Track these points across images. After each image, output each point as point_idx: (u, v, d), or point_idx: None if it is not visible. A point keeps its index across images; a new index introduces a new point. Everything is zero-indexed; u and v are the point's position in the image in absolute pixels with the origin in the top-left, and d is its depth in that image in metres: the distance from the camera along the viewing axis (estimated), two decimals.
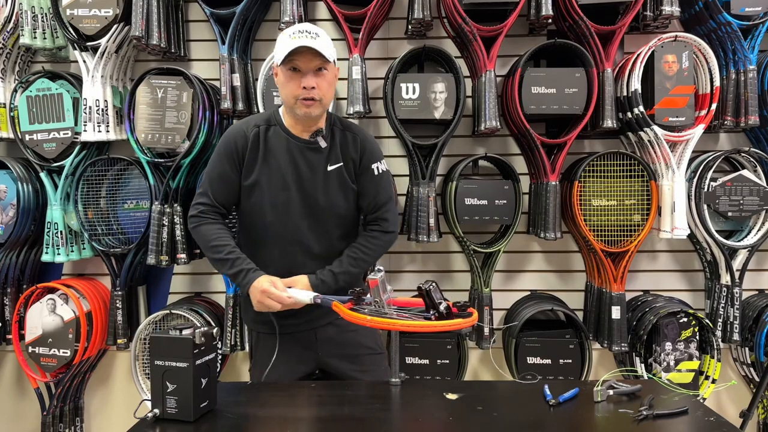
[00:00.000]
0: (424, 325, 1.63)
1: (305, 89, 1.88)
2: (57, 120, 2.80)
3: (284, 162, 1.98)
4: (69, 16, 2.72)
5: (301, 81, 1.89)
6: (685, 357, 2.74)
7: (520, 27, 2.86)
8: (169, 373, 1.48)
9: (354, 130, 2.07)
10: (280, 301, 1.84)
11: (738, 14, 2.65)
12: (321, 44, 1.87)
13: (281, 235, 2.00)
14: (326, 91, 1.93)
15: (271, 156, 1.99)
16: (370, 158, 2.05)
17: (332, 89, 1.99)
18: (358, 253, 2.02)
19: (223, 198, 2.02)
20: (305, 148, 2.00)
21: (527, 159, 2.93)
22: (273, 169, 1.98)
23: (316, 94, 1.89)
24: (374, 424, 1.55)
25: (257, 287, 1.86)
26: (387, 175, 2.11)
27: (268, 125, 2.02)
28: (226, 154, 2.00)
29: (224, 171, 2.00)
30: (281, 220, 1.99)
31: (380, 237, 2.07)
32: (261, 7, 2.87)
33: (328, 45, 1.91)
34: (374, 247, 2.05)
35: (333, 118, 2.07)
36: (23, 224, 2.84)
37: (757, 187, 2.73)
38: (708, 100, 2.67)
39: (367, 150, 2.05)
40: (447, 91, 2.68)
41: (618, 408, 1.57)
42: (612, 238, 2.74)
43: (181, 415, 1.49)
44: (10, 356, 3.09)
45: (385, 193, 2.08)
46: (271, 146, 2.00)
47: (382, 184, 2.08)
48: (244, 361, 3.05)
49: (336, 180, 2.01)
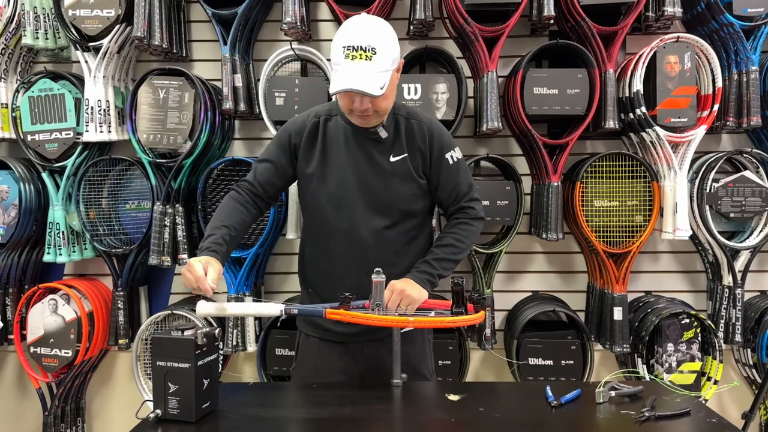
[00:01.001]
0: (443, 321, 1.68)
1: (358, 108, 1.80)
2: (59, 120, 2.81)
3: (344, 153, 1.91)
4: (71, 17, 2.72)
5: (353, 99, 1.79)
6: (687, 358, 2.73)
7: (522, 27, 2.86)
8: (171, 374, 1.48)
9: (420, 118, 1.96)
10: (198, 282, 1.65)
11: (740, 15, 2.64)
12: (373, 77, 1.73)
13: (341, 229, 1.92)
14: (384, 105, 1.83)
15: (330, 147, 1.93)
16: (441, 147, 1.93)
17: (392, 97, 1.87)
18: (450, 240, 1.93)
19: (264, 180, 1.98)
20: (365, 139, 1.91)
21: (529, 160, 2.93)
22: (331, 160, 1.92)
23: (371, 110, 1.81)
24: (376, 425, 1.55)
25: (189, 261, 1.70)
26: (463, 162, 2.00)
27: (329, 116, 1.96)
28: (280, 142, 1.99)
29: (274, 156, 1.98)
30: (340, 214, 1.92)
31: (471, 222, 1.98)
32: (263, 7, 2.87)
33: (383, 68, 1.75)
34: (467, 234, 1.96)
35: (397, 106, 1.95)
36: (25, 224, 2.84)
37: (759, 188, 2.73)
38: (710, 101, 2.67)
39: (436, 138, 1.93)
40: (449, 92, 2.68)
41: (620, 409, 1.57)
42: (614, 239, 2.73)
43: (182, 416, 1.49)
44: (12, 356, 3.10)
45: (465, 182, 1.98)
46: (331, 137, 1.94)
47: (461, 172, 1.97)
48: (246, 361, 3.05)
49: (400, 172, 1.91)
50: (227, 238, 1.85)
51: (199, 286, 1.65)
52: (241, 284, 2.76)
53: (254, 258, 2.77)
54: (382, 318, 1.65)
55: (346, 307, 1.67)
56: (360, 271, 1.82)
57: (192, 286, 1.67)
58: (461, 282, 1.71)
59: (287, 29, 2.71)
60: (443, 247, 1.93)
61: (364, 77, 1.72)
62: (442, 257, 1.91)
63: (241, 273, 2.74)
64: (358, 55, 1.72)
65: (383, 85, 1.74)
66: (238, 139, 3.02)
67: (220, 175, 2.83)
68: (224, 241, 1.83)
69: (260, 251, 2.80)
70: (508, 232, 2.81)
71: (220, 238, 1.83)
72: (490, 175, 2.92)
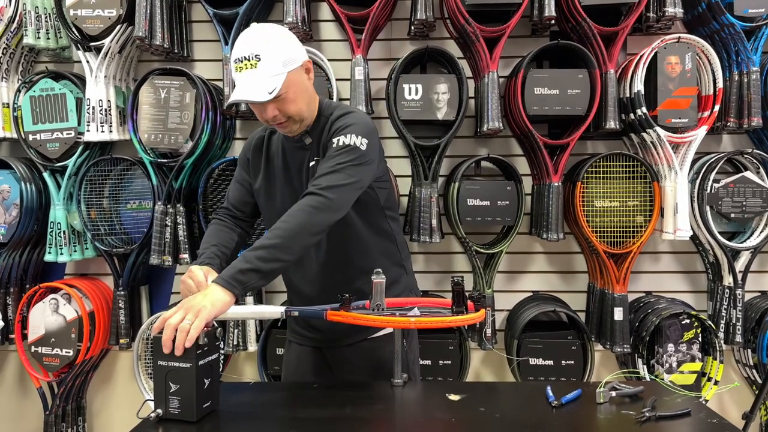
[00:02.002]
0: (443, 321, 1.66)
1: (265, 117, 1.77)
2: (60, 120, 2.81)
3: (281, 165, 1.92)
4: (72, 17, 2.72)
5: (261, 111, 1.77)
6: (688, 358, 2.74)
7: (523, 28, 2.86)
8: (172, 374, 1.48)
9: (335, 113, 1.84)
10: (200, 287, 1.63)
11: (741, 15, 2.64)
12: (260, 84, 1.69)
13: None
14: (294, 109, 1.76)
15: (272, 160, 1.95)
16: (333, 133, 1.78)
17: (301, 100, 1.77)
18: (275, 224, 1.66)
19: (236, 200, 2.02)
20: (294, 147, 1.90)
21: (530, 160, 2.93)
22: (272, 173, 1.94)
23: (282, 117, 1.77)
24: (376, 424, 1.55)
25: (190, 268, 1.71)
26: (350, 148, 1.73)
27: (274, 129, 1.95)
28: (240, 160, 2.03)
29: (239, 176, 2.03)
30: None
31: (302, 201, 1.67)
32: (264, 7, 2.88)
33: (272, 73, 1.70)
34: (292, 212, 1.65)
35: (325, 106, 1.89)
36: (26, 224, 2.84)
37: (759, 189, 2.73)
38: (711, 102, 2.67)
39: (334, 125, 1.80)
40: (450, 92, 2.68)
41: (620, 409, 1.57)
42: (614, 239, 2.73)
43: (184, 416, 1.49)
44: (13, 356, 3.10)
45: (328, 163, 1.72)
46: (273, 150, 1.96)
47: (332, 154, 1.73)
48: (247, 361, 3.06)
49: None
50: (219, 254, 1.86)
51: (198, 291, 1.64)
52: None
53: None
54: (382, 318, 1.65)
55: (346, 308, 1.67)
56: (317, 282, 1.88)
57: (192, 292, 1.65)
58: (461, 281, 1.71)
59: (288, 29, 2.71)
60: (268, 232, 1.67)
61: (250, 85, 1.71)
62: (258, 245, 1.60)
63: None
64: (244, 65, 1.71)
65: (272, 90, 1.69)
66: (239, 139, 3.02)
67: (221, 175, 2.84)
68: (216, 256, 1.85)
69: None
70: (508, 232, 2.81)
71: (212, 254, 1.85)
72: (490, 176, 2.93)
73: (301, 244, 1.63)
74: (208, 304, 1.50)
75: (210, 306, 1.50)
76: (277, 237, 1.61)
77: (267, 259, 1.58)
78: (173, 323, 1.46)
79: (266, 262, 1.58)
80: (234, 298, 1.55)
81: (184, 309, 1.49)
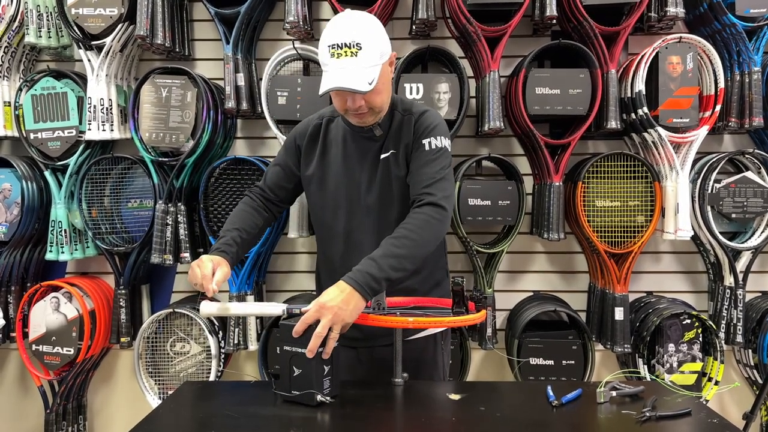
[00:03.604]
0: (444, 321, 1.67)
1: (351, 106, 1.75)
2: (61, 119, 2.81)
3: (341, 154, 1.88)
4: (74, 15, 2.72)
5: (346, 99, 1.75)
6: (688, 359, 2.73)
7: (525, 27, 2.86)
8: (295, 359, 1.56)
9: (413, 111, 1.86)
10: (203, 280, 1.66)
11: (743, 15, 2.64)
12: (360, 73, 1.68)
13: (339, 232, 1.88)
14: (379, 101, 1.76)
15: (329, 149, 1.92)
16: (421, 133, 1.81)
17: (386, 91, 1.79)
18: (401, 232, 1.69)
19: (273, 184, 2.00)
20: (362, 139, 1.87)
21: (531, 160, 2.93)
22: (329, 162, 1.90)
23: (365, 107, 1.75)
24: (377, 424, 1.55)
25: (202, 258, 1.72)
26: (444, 152, 1.81)
27: (332, 117, 1.94)
28: (287, 144, 2.01)
29: (282, 159, 2.00)
30: (337, 217, 1.88)
31: (424, 210, 1.72)
32: (265, 6, 2.88)
33: (370, 63, 1.69)
34: (418, 222, 1.70)
35: (395, 101, 1.89)
36: (27, 222, 2.84)
37: (761, 189, 2.72)
38: (712, 102, 2.67)
39: (419, 125, 1.82)
40: (451, 92, 2.68)
41: (621, 409, 1.57)
42: (615, 239, 2.73)
43: (304, 399, 1.55)
44: (14, 354, 3.10)
45: (431, 168, 1.78)
46: (331, 138, 1.92)
47: (433, 160, 1.79)
48: (247, 359, 3.06)
49: (386, 170, 1.84)
50: (238, 240, 1.86)
51: (202, 284, 1.67)
52: (243, 283, 2.76)
53: (256, 257, 2.77)
54: (382, 318, 1.65)
55: None
56: None
57: (196, 282, 1.68)
58: (461, 282, 1.71)
59: (290, 28, 2.72)
60: (395, 239, 1.69)
61: (350, 74, 1.68)
62: (392, 253, 1.65)
63: (242, 272, 2.75)
64: (343, 52, 1.68)
65: (371, 80, 1.69)
66: (240, 138, 3.03)
67: (222, 174, 2.84)
68: (235, 242, 1.85)
69: (262, 250, 2.81)
70: (509, 231, 2.81)
71: (231, 239, 1.85)
72: (491, 175, 2.93)
73: (424, 254, 1.73)
74: (349, 318, 1.59)
75: (350, 319, 1.60)
76: (407, 247, 1.67)
77: (397, 269, 1.65)
78: (320, 334, 1.54)
79: (396, 271, 1.65)
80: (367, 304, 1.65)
81: (331, 320, 1.55)
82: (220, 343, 2.80)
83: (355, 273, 1.62)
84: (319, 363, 1.55)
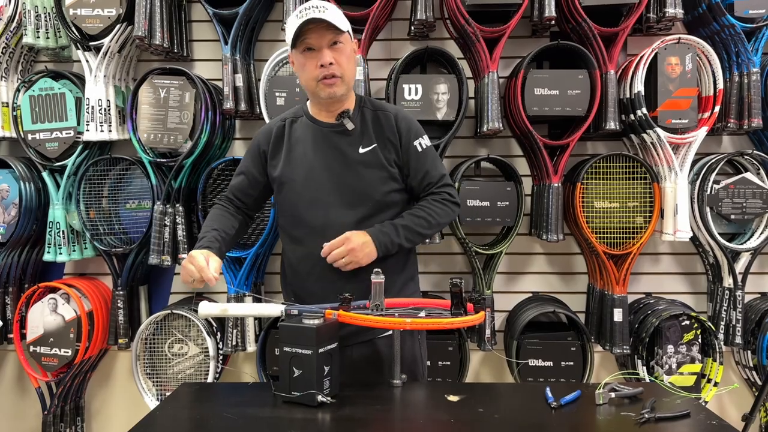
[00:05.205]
0: (442, 323, 1.67)
1: (323, 67, 1.80)
2: (59, 119, 2.81)
3: (310, 151, 1.91)
4: (72, 16, 2.72)
5: (317, 60, 1.81)
6: (687, 360, 2.73)
7: (523, 28, 2.86)
8: (295, 359, 1.57)
9: (386, 109, 1.97)
10: (201, 271, 1.67)
11: (742, 16, 2.64)
12: (331, 16, 1.79)
13: (315, 226, 1.88)
14: (346, 66, 1.85)
15: (296, 148, 1.93)
16: (409, 135, 1.93)
17: (352, 64, 1.89)
18: (423, 213, 1.90)
19: (239, 192, 2.03)
20: (331, 133, 1.91)
21: (529, 160, 2.93)
22: (298, 161, 1.92)
23: (336, 70, 1.82)
24: (375, 425, 1.55)
25: (191, 253, 1.74)
26: (432, 150, 1.99)
27: (295, 117, 1.98)
28: (251, 152, 2.03)
29: (246, 167, 2.02)
30: (314, 211, 1.89)
31: (446, 203, 1.94)
32: (264, 7, 2.87)
33: (338, 16, 1.82)
34: (441, 212, 1.92)
35: (362, 99, 1.98)
36: (25, 223, 2.84)
37: (759, 190, 2.72)
38: (711, 103, 2.67)
39: (404, 127, 1.93)
40: (449, 93, 2.68)
41: (620, 411, 1.57)
42: (614, 240, 2.73)
43: (305, 399, 1.56)
44: (12, 355, 3.10)
45: (435, 169, 1.95)
46: (296, 138, 1.94)
47: (429, 159, 1.95)
48: (246, 361, 3.05)
49: (370, 162, 1.89)
50: (219, 238, 1.88)
51: (201, 277, 1.67)
52: (241, 284, 2.76)
53: (254, 258, 2.77)
54: (382, 319, 1.64)
55: (346, 307, 1.66)
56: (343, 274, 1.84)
57: (194, 277, 1.68)
58: (460, 283, 1.70)
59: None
60: (414, 217, 1.89)
61: (325, 15, 1.78)
62: (410, 226, 1.88)
63: (241, 272, 2.74)
64: (312, 11, 1.79)
65: (345, 29, 1.83)
66: (238, 139, 3.02)
67: (221, 175, 2.83)
68: (217, 240, 1.87)
69: (260, 251, 2.80)
70: (508, 232, 2.81)
71: (213, 238, 1.87)
72: (490, 176, 2.92)
73: (435, 232, 1.97)
74: (360, 258, 1.81)
75: (360, 260, 1.82)
76: (423, 227, 1.89)
77: (410, 241, 1.89)
78: (336, 256, 1.80)
79: (408, 242, 1.89)
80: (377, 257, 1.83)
81: (350, 250, 1.79)
82: (218, 345, 2.80)
83: (379, 232, 1.84)
84: (320, 363, 1.55)
